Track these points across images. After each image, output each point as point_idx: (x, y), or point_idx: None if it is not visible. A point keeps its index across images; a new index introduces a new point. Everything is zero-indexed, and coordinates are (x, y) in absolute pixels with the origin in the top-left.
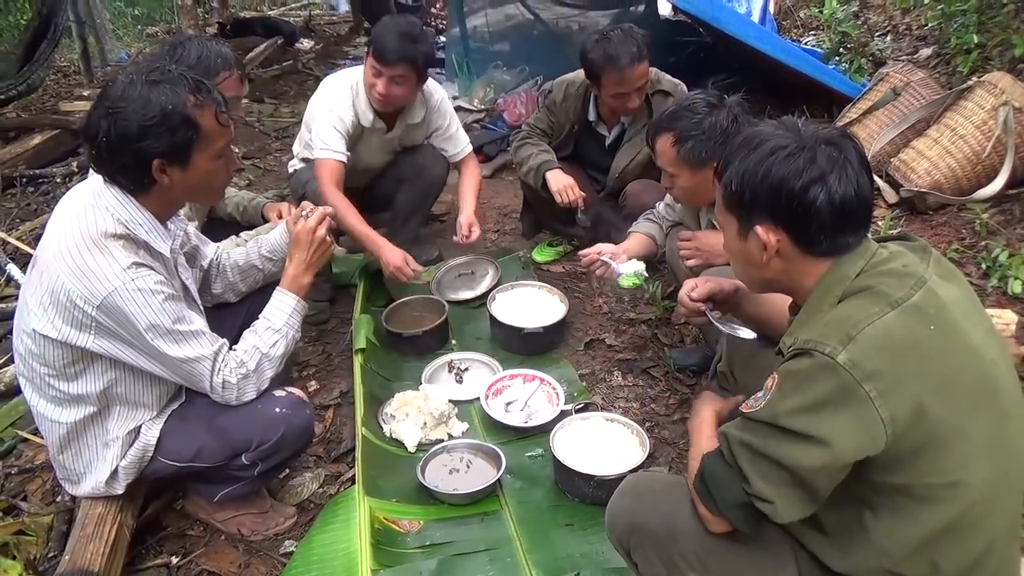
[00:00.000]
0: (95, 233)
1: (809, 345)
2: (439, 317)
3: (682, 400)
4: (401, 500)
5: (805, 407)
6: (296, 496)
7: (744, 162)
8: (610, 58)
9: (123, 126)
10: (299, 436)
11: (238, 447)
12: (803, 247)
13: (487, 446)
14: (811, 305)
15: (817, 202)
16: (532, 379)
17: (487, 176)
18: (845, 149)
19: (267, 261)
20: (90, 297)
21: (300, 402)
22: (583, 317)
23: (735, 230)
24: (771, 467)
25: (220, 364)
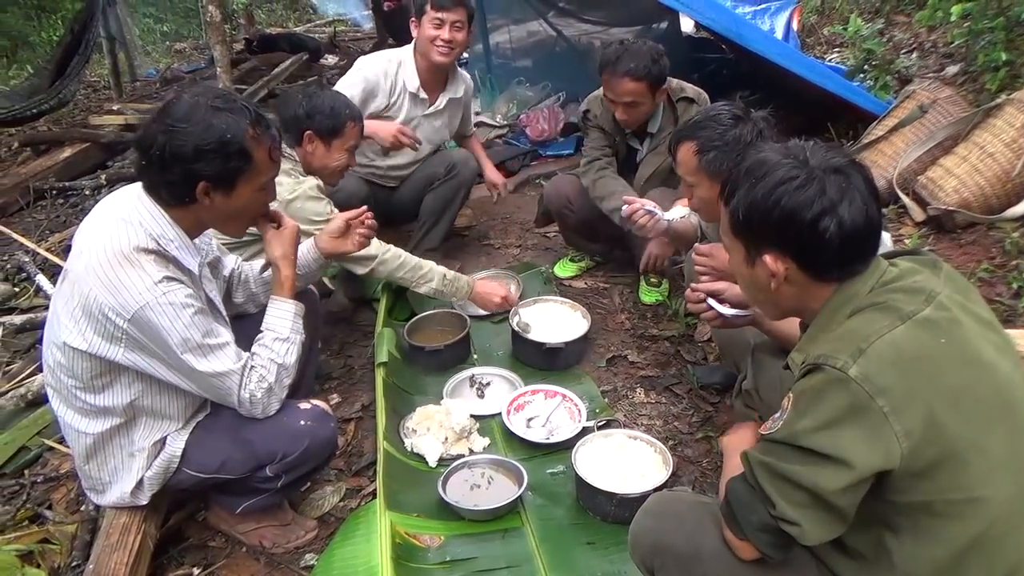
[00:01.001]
0: (127, 247)
1: (820, 360)
2: (461, 331)
3: (705, 418)
4: (422, 515)
5: (821, 425)
6: (317, 509)
7: (752, 191)
8: (609, 61)
9: (179, 146)
10: (323, 449)
11: (262, 459)
12: (812, 274)
13: (508, 462)
14: (820, 323)
15: (828, 233)
16: (554, 395)
17: (510, 191)
18: (853, 177)
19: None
20: (121, 310)
21: (325, 414)
22: (605, 333)
23: (742, 256)
24: (793, 488)
25: (246, 379)
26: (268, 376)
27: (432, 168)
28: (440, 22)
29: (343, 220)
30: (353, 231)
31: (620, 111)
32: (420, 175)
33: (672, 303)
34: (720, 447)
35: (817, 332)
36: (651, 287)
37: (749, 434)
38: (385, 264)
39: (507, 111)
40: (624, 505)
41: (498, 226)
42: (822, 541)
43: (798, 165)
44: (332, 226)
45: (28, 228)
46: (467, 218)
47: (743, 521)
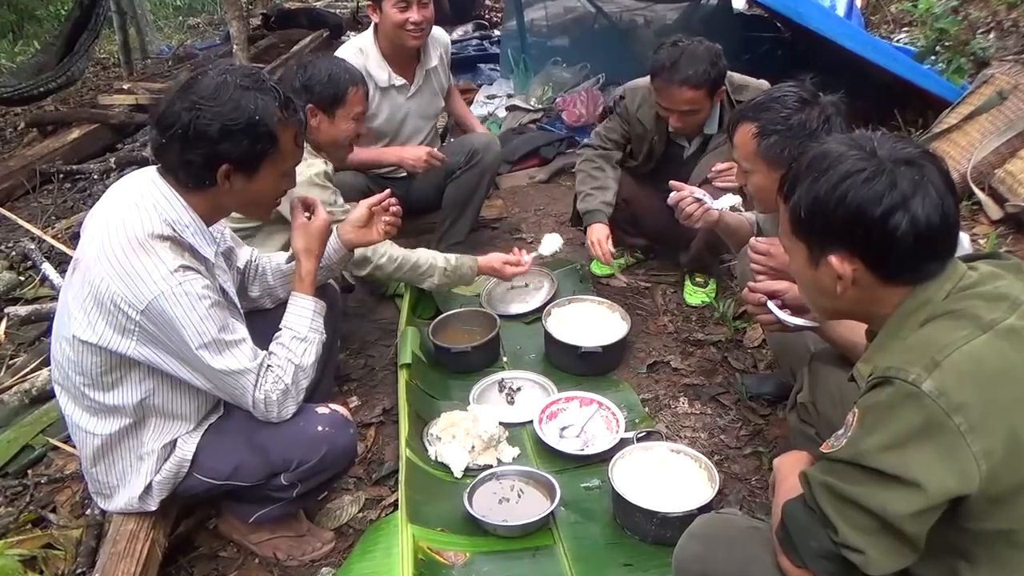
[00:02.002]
0: (141, 234)
1: (890, 373)
2: (490, 332)
3: (755, 432)
4: (446, 529)
5: (890, 443)
6: (335, 520)
7: (815, 186)
8: (664, 67)
9: (205, 124)
10: (342, 457)
11: (277, 466)
12: (881, 277)
13: (540, 474)
14: (890, 330)
15: (899, 231)
16: (590, 403)
17: (543, 181)
18: (927, 170)
19: None
20: (135, 301)
21: (344, 420)
22: (646, 336)
23: (804, 257)
24: (859, 513)
25: (261, 379)
26: (284, 377)
27: (451, 156)
28: (406, 4)
29: (366, 208)
30: (378, 219)
31: (676, 119)
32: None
33: (720, 305)
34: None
35: (887, 341)
36: (697, 287)
37: (805, 457)
38: (382, 268)
39: (542, 94)
40: (666, 525)
41: (531, 219)
42: (889, 572)
43: (866, 156)
44: (355, 215)
45: (34, 213)
46: (497, 209)
47: (801, 547)
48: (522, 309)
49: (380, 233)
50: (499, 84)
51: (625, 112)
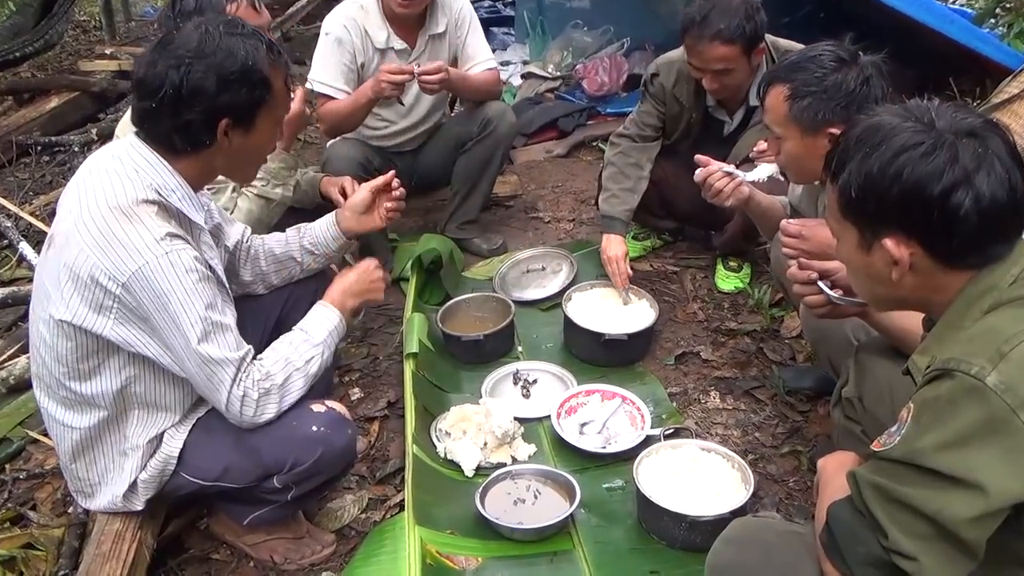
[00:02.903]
0: (124, 200)
1: (951, 365)
2: (504, 319)
3: (793, 429)
4: (456, 532)
5: (948, 442)
6: (336, 521)
7: (867, 162)
8: (694, 21)
9: (199, 78)
10: (338, 459)
11: (269, 468)
12: (942, 261)
13: (558, 474)
14: (951, 319)
15: (962, 209)
16: (612, 396)
17: (561, 155)
18: (991, 142)
19: (308, 255)
20: (116, 272)
21: (341, 420)
22: (674, 325)
23: (855, 242)
24: (912, 517)
25: (243, 373)
26: (275, 376)
27: (462, 126)
28: None
29: (368, 192)
30: (380, 204)
31: (709, 80)
32: (448, 135)
33: (754, 291)
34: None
35: (947, 330)
36: (730, 272)
37: (852, 458)
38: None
39: (560, 60)
40: (695, 529)
41: (548, 196)
42: None
43: (923, 128)
44: (355, 200)
45: (10, 188)
46: (511, 185)
47: (847, 552)
48: (539, 294)
49: (382, 219)
50: (513, 50)
51: (660, 91)
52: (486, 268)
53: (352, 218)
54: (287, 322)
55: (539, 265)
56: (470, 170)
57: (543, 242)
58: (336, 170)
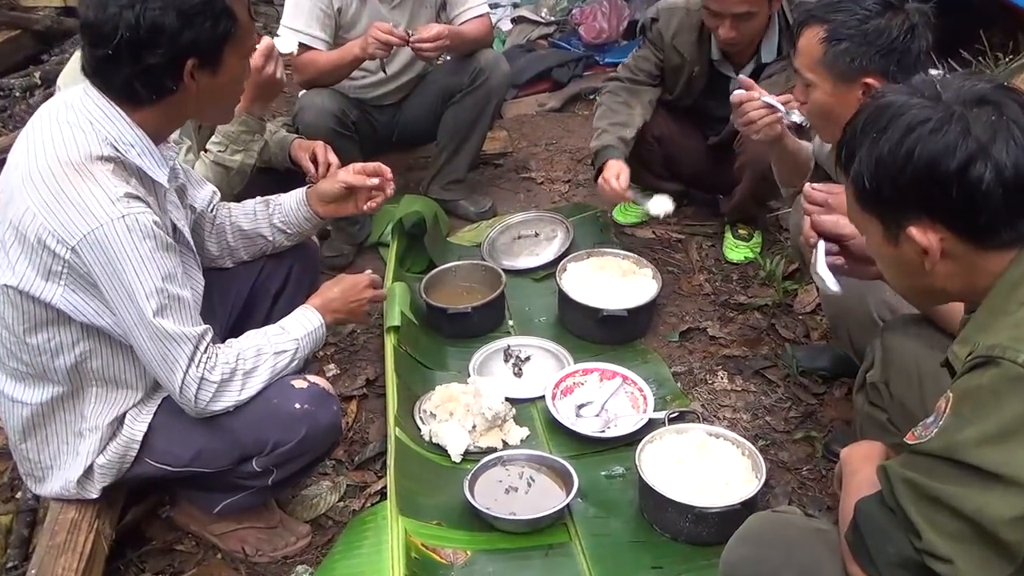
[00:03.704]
0: (76, 155)
1: (995, 352)
2: (494, 290)
3: (807, 413)
4: (443, 523)
5: (991, 435)
6: (311, 510)
7: (875, 147)
8: None
9: (157, 16)
10: (324, 438)
11: (248, 450)
12: (976, 242)
13: (553, 460)
14: (993, 304)
15: (983, 183)
16: (612, 376)
17: (555, 109)
18: (1007, 107)
19: (279, 233)
20: (66, 235)
21: (325, 395)
22: (678, 298)
23: (880, 236)
24: (948, 516)
25: (202, 354)
26: (242, 364)
27: (450, 76)
28: None
29: (340, 186)
30: (361, 194)
31: (727, 28)
32: (434, 86)
33: (766, 262)
34: (829, 457)
35: (988, 317)
36: (739, 240)
37: (879, 449)
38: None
39: (555, 4)
40: (702, 522)
41: (541, 154)
42: None
43: (929, 103)
44: (324, 189)
45: None
46: (501, 142)
47: (876, 553)
48: (531, 263)
49: (359, 208)
50: None
51: (659, 38)
52: (473, 233)
53: (322, 207)
54: (260, 295)
55: (531, 231)
56: (458, 125)
57: (535, 205)
58: (308, 123)
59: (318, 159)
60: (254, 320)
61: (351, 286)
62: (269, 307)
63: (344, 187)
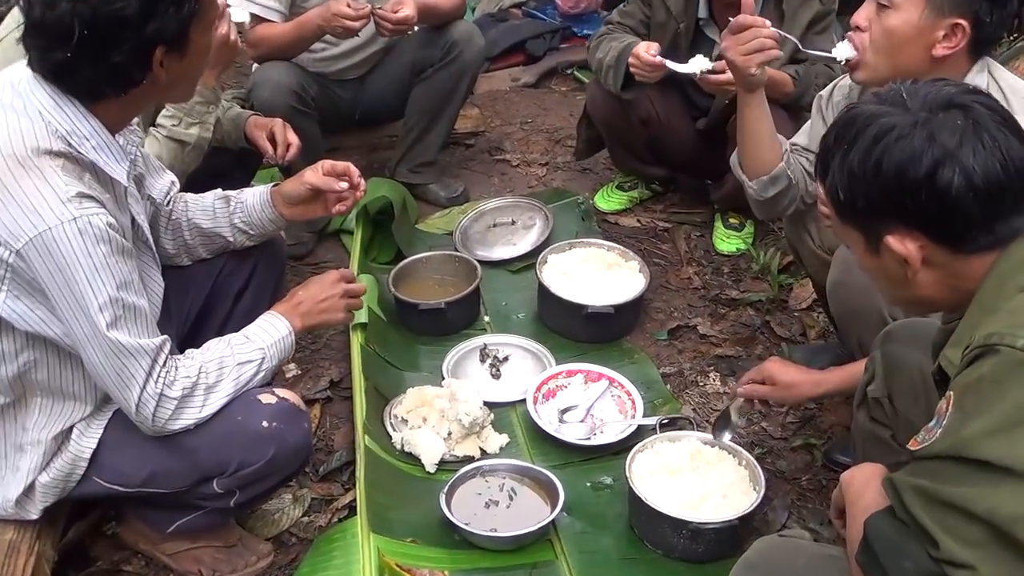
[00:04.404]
0: (22, 148)
1: (992, 340)
2: (469, 283)
3: (805, 419)
4: (418, 540)
5: (998, 426)
6: (273, 526)
7: (846, 159)
8: None
9: (118, 9)
10: (293, 458)
11: (209, 471)
12: (955, 248)
13: (537, 470)
14: (983, 301)
15: (952, 189)
16: (598, 378)
17: (530, 84)
18: (972, 111)
19: (240, 233)
20: (8, 236)
21: (294, 411)
22: (666, 292)
23: (862, 246)
24: (963, 520)
25: (160, 368)
26: (204, 378)
27: (420, 49)
28: None
29: (307, 189)
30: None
31: None
32: (403, 60)
33: (759, 254)
34: (830, 466)
35: (980, 314)
36: (730, 231)
37: (880, 472)
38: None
39: None
40: (698, 538)
41: (516, 134)
42: None
43: (895, 112)
44: (289, 191)
45: None
46: (473, 120)
47: (892, 569)
48: (508, 253)
49: (328, 211)
50: None
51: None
52: (444, 220)
53: (287, 208)
54: (221, 295)
55: (508, 218)
56: (429, 102)
57: (511, 190)
58: (265, 100)
59: (276, 138)
60: (213, 322)
61: (319, 284)
62: (230, 308)
63: (310, 190)
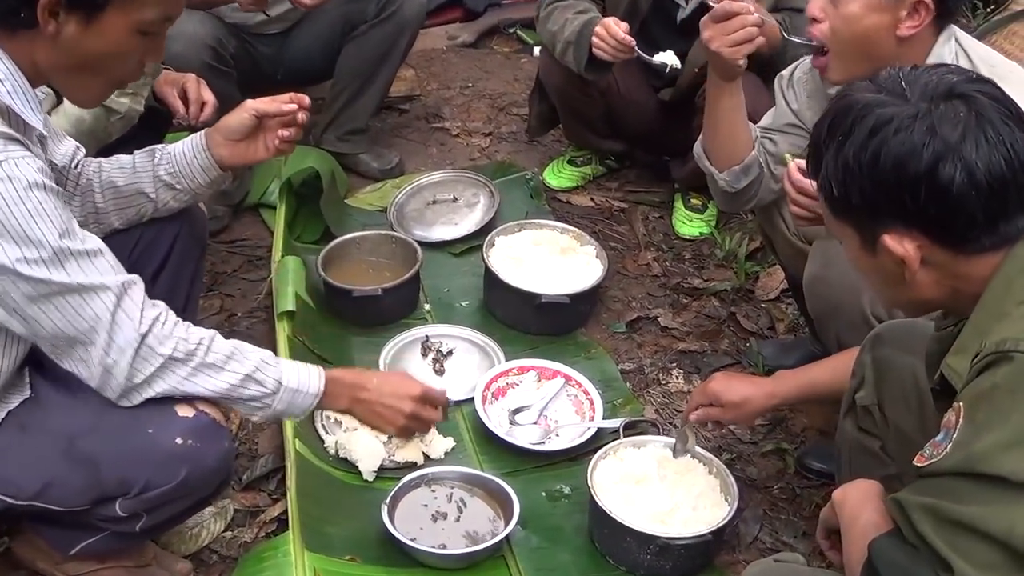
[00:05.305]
0: None
1: (1006, 346)
2: (408, 267)
3: (775, 421)
4: (359, 558)
5: (1014, 439)
6: (191, 542)
7: (841, 152)
8: None
9: None
10: (208, 480)
11: (110, 490)
12: (956, 249)
13: (488, 479)
14: (989, 306)
15: (954, 186)
16: (552, 375)
17: (469, 44)
18: (975, 102)
19: (165, 189)
20: None
21: (214, 428)
22: (623, 280)
23: (857, 244)
24: (976, 541)
25: (138, 310)
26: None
27: (352, 2)
28: None
29: (250, 115)
30: (269, 133)
31: None
32: (332, 14)
33: (723, 239)
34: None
35: (987, 320)
36: (692, 212)
37: (875, 489)
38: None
39: None
40: (666, 554)
41: (455, 99)
42: None
43: (894, 101)
44: (231, 122)
45: None
46: (407, 83)
47: None
48: (449, 234)
49: (270, 150)
50: None
51: None
52: (377, 195)
53: (225, 145)
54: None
55: (448, 194)
56: (362, 62)
57: (451, 162)
58: (178, 55)
59: (189, 96)
60: None
61: (398, 385)
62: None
63: (255, 117)
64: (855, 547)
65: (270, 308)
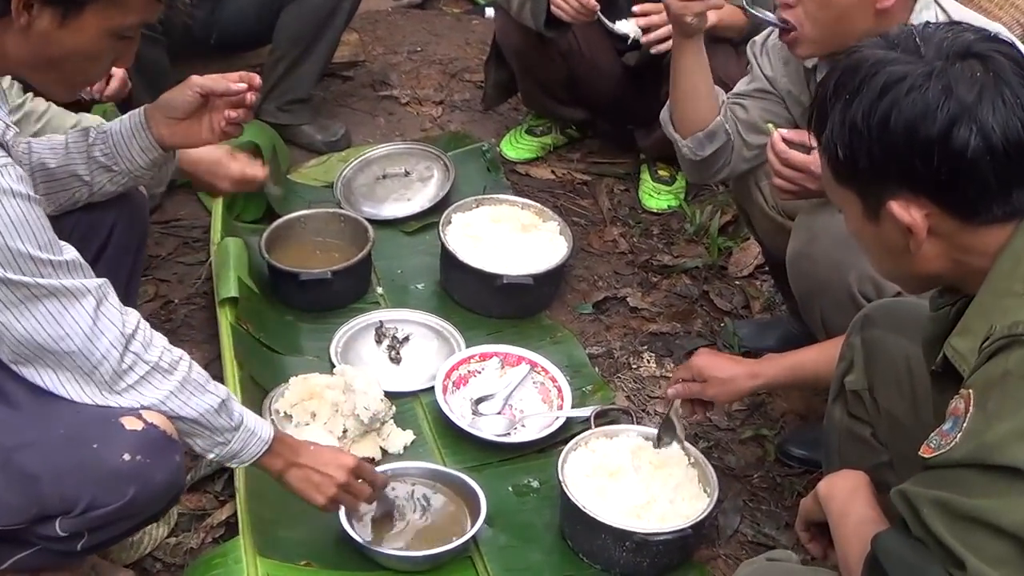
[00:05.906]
0: None
1: (1019, 330)
2: (358, 247)
3: (754, 406)
4: (314, 563)
5: None
6: (133, 550)
7: (848, 111)
8: None
9: None
10: (158, 499)
11: (51, 508)
12: (965, 218)
13: (451, 474)
14: (996, 284)
15: (968, 150)
16: (517, 362)
17: (416, 5)
18: (993, 61)
19: (101, 171)
20: None
21: (165, 442)
22: (588, 258)
23: (859, 212)
24: (990, 536)
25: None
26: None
27: None
28: None
29: (194, 92)
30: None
31: None
32: None
33: (693, 212)
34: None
35: (995, 298)
36: (659, 184)
37: (864, 481)
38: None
39: None
40: (644, 551)
41: (403, 65)
42: None
43: (907, 59)
44: (174, 98)
45: None
46: (351, 47)
47: None
48: (402, 211)
49: (215, 133)
50: None
51: None
52: (321, 169)
53: (166, 125)
54: None
55: (399, 168)
56: (303, 25)
57: (400, 134)
58: None
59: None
60: None
61: (332, 457)
62: None
63: (199, 95)
64: (850, 543)
65: (210, 294)
